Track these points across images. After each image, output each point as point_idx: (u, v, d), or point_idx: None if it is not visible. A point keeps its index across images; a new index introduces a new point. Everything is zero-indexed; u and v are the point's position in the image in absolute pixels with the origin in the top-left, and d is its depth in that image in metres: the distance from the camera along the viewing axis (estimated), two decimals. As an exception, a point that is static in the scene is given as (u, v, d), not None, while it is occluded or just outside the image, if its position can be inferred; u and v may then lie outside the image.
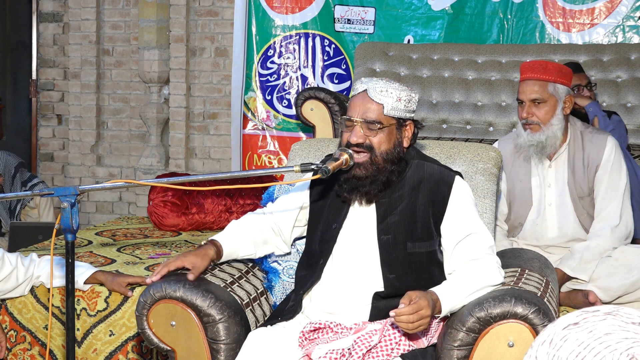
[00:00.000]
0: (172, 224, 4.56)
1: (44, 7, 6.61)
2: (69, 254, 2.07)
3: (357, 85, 2.43)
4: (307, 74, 5.84)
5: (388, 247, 2.38)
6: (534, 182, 3.33)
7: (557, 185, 3.30)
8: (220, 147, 6.22)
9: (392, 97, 2.37)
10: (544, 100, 3.22)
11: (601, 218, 3.25)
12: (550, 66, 3.26)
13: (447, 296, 2.25)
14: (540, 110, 3.22)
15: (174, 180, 2.46)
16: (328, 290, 2.43)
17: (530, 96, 3.22)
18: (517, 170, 3.35)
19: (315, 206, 2.54)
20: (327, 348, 2.26)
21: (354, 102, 2.42)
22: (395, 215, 2.41)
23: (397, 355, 2.27)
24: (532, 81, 3.23)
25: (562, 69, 3.28)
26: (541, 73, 3.22)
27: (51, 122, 6.70)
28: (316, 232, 2.50)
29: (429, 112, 4.98)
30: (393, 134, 2.40)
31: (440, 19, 5.49)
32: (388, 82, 2.41)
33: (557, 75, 3.24)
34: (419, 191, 2.42)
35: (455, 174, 2.47)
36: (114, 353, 3.30)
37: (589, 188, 3.26)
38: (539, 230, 3.33)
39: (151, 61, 6.15)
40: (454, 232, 2.40)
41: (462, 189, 2.45)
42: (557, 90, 3.23)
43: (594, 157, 3.25)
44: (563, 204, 3.29)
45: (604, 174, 3.24)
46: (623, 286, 3.13)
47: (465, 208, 2.42)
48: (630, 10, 5.21)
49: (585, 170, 3.26)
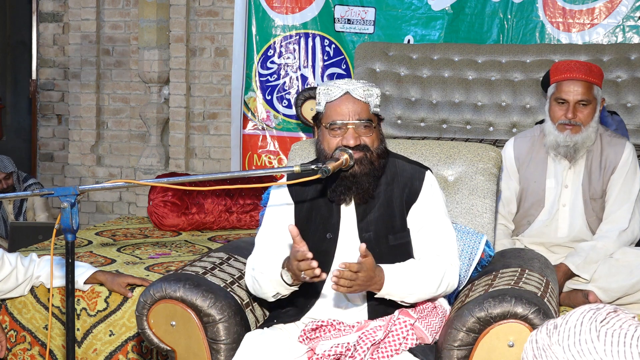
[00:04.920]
0: (172, 224, 4.56)
1: (44, 7, 6.61)
2: (69, 254, 2.06)
3: (330, 90, 2.38)
4: (307, 74, 5.84)
5: (371, 244, 2.38)
6: (549, 184, 3.30)
7: (573, 186, 3.28)
8: (220, 147, 6.22)
9: (373, 95, 2.40)
10: (589, 102, 3.19)
11: (610, 220, 3.24)
12: (595, 68, 3.24)
13: (392, 282, 2.28)
14: (584, 112, 3.20)
15: (174, 180, 2.46)
16: (328, 297, 2.43)
17: (577, 97, 3.18)
18: (532, 171, 3.33)
19: (300, 218, 2.48)
20: (331, 343, 2.27)
21: (338, 106, 2.37)
22: (374, 212, 2.42)
23: (405, 350, 2.28)
24: (579, 82, 3.18)
25: (602, 72, 3.27)
26: (587, 75, 3.19)
27: (51, 122, 6.70)
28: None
29: (429, 112, 4.98)
30: (379, 130, 2.43)
31: (440, 19, 5.49)
32: (360, 82, 2.42)
33: (600, 78, 3.23)
34: (393, 186, 2.45)
35: (426, 169, 2.51)
36: (114, 353, 3.30)
37: (602, 190, 3.26)
38: (548, 231, 3.32)
39: (151, 61, 6.15)
40: (420, 220, 2.43)
41: (433, 183, 2.49)
42: (599, 93, 3.22)
43: (611, 160, 3.24)
44: (575, 205, 3.28)
45: (619, 177, 3.23)
46: (623, 287, 3.13)
47: (434, 200, 2.46)
48: (630, 10, 5.21)
49: (601, 172, 3.25)
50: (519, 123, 4.82)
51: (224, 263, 2.67)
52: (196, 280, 2.47)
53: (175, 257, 3.88)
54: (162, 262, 3.74)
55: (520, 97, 4.84)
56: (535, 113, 4.77)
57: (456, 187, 2.88)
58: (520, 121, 4.82)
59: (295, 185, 2.46)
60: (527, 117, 4.81)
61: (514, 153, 3.37)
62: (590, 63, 3.35)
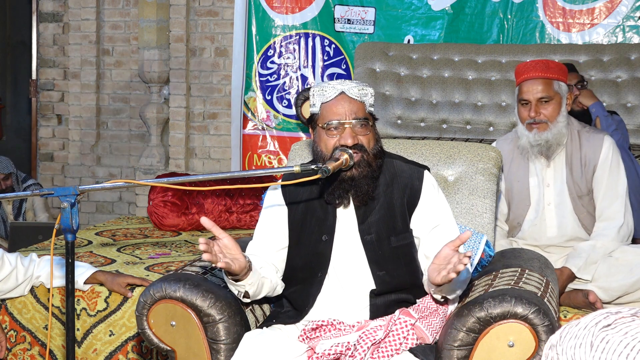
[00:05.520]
0: (172, 224, 4.56)
1: (44, 7, 6.61)
2: (69, 254, 2.06)
3: (325, 90, 2.38)
4: (307, 74, 5.84)
5: (373, 246, 2.38)
6: (532, 182, 3.32)
7: (555, 184, 3.30)
8: (220, 147, 6.22)
9: (367, 94, 2.39)
10: (550, 98, 3.21)
11: (605, 218, 3.24)
12: (552, 64, 3.27)
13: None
14: (547, 108, 3.22)
15: (174, 180, 2.46)
16: (327, 299, 2.43)
17: (537, 95, 3.21)
18: (515, 171, 3.35)
19: (294, 221, 2.47)
20: (331, 342, 2.27)
21: (334, 106, 2.37)
22: (374, 214, 2.41)
23: (405, 349, 2.28)
24: (537, 80, 3.21)
25: (562, 67, 3.29)
26: (544, 71, 3.21)
27: (51, 122, 6.70)
28: (301, 247, 2.45)
29: (429, 112, 4.98)
30: (374, 130, 2.43)
31: (440, 19, 5.49)
32: (357, 82, 2.43)
33: (559, 73, 3.24)
34: (393, 187, 2.44)
35: (424, 168, 2.50)
36: (114, 353, 3.30)
37: (587, 187, 3.26)
38: (538, 231, 3.33)
39: (151, 61, 6.15)
40: (428, 219, 2.42)
41: (433, 182, 2.49)
42: (561, 88, 3.24)
43: (591, 157, 3.25)
44: (562, 204, 3.29)
45: (602, 173, 3.24)
46: (623, 286, 3.13)
47: (439, 199, 2.46)
48: (630, 10, 5.21)
49: (583, 169, 3.26)
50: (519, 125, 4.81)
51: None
52: (196, 280, 2.46)
53: (175, 257, 3.88)
54: (162, 262, 3.74)
55: (520, 97, 4.84)
56: (535, 113, 4.77)
57: (456, 187, 2.88)
58: (520, 121, 4.82)
59: (288, 187, 2.46)
60: (527, 117, 4.81)
61: None
62: (549, 60, 3.37)
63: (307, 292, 2.43)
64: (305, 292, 2.43)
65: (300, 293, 2.44)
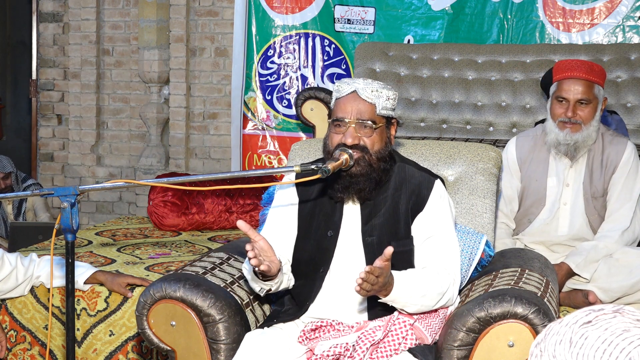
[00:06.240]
0: (172, 224, 4.56)
1: (44, 7, 6.61)
2: (69, 254, 2.06)
3: (341, 86, 2.39)
4: (307, 74, 5.84)
5: (373, 249, 2.38)
6: (550, 182, 3.31)
7: (574, 185, 3.29)
8: (220, 147, 6.22)
9: (382, 96, 2.37)
10: (589, 101, 3.19)
11: (612, 219, 3.24)
12: (596, 67, 3.24)
13: (400, 290, 2.24)
14: (584, 110, 3.20)
15: (174, 180, 2.46)
16: (327, 296, 2.43)
17: (577, 96, 3.19)
18: (534, 169, 3.34)
19: (303, 214, 2.49)
20: (330, 343, 2.27)
21: (343, 103, 2.38)
22: (379, 217, 2.41)
23: (404, 350, 2.28)
24: (579, 80, 3.18)
25: (604, 72, 3.27)
26: (588, 73, 3.19)
27: (51, 122, 6.70)
28: (308, 240, 2.46)
29: (429, 112, 4.98)
30: (384, 133, 2.40)
31: (440, 19, 5.49)
32: (376, 82, 2.41)
33: (601, 77, 3.23)
34: (401, 192, 2.43)
35: (436, 178, 2.47)
36: (114, 353, 3.30)
37: (603, 189, 3.26)
38: (549, 229, 3.32)
39: (151, 61, 6.15)
40: (425, 230, 2.40)
41: (443, 194, 2.45)
42: (600, 92, 3.22)
43: (612, 159, 3.25)
44: (576, 204, 3.29)
45: (620, 176, 3.24)
46: (623, 287, 3.13)
47: (442, 211, 2.43)
48: (630, 10, 5.21)
49: (602, 171, 3.25)
50: (519, 123, 4.82)
51: (224, 263, 2.67)
52: (196, 280, 2.47)
53: (175, 257, 3.88)
54: (162, 262, 3.74)
55: (520, 97, 4.84)
56: (535, 113, 4.77)
57: (456, 187, 2.88)
58: (520, 121, 4.82)
59: (301, 182, 2.47)
60: (527, 117, 4.81)
61: (516, 152, 3.38)
62: (592, 62, 3.35)
63: (309, 288, 2.44)
64: (308, 287, 2.44)
65: (303, 288, 2.45)
